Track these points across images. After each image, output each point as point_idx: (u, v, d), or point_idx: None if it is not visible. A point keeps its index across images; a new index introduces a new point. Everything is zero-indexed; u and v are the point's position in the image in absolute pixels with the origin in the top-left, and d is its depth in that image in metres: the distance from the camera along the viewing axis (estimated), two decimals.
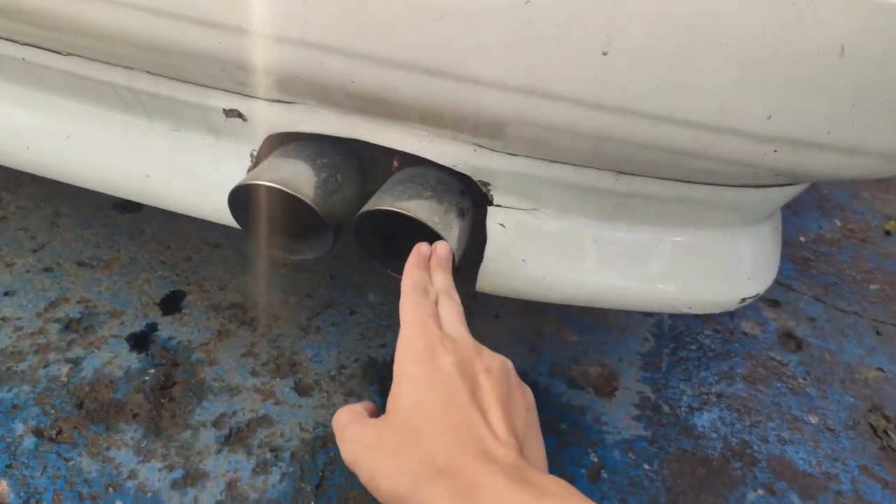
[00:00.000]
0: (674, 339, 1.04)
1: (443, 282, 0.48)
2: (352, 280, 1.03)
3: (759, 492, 0.81)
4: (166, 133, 0.64)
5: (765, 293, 0.69)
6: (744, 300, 0.67)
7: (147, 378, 0.82)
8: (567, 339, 1.00)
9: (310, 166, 0.58)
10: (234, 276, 1.01)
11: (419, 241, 0.52)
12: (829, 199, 1.53)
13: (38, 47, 0.60)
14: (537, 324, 1.01)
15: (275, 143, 0.62)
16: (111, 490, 0.70)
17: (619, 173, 0.56)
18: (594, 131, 0.47)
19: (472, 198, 0.61)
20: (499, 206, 0.60)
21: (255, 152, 0.62)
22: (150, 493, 0.70)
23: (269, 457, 0.75)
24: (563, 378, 0.93)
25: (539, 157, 0.55)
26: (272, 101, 0.57)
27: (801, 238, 1.37)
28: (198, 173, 0.64)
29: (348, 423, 0.41)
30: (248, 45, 0.48)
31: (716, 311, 0.68)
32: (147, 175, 0.65)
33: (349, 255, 1.07)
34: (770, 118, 0.44)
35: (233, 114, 0.59)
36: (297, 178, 0.56)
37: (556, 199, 0.59)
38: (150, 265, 1.00)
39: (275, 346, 0.90)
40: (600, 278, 0.63)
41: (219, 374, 0.84)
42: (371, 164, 0.65)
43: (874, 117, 0.44)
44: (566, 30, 0.41)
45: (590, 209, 0.60)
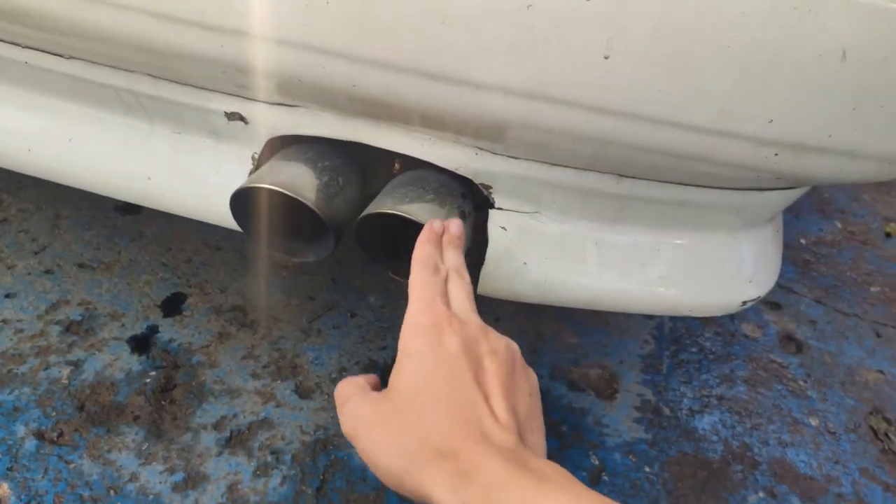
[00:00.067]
0: (674, 341, 1.04)
1: (454, 260, 0.47)
2: (353, 283, 1.03)
3: (760, 494, 0.81)
4: (168, 136, 0.64)
5: (766, 296, 0.69)
6: (745, 303, 0.67)
7: (148, 380, 0.82)
8: (567, 342, 1.00)
9: (311, 169, 0.58)
10: (234, 278, 1.01)
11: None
12: (830, 201, 1.53)
13: (40, 50, 0.60)
14: (537, 326, 1.01)
15: (276, 146, 0.62)
16: (112, 493, 0.70)
17: (621, 176, 0.56)
18: (595, 135, 0.48)
19: (473, 201, 0.61)
20: (500, 209, 0.60)
21: (257, 155, 0.62)
22: (151, 496, 0.70)
23: (269, 459, 0.75)
24: (564, 380, 0.93)
25: (540, 160, 0.55)
26: (274, 104, 0.57)
27: (802, 240, 1.37)
28: (199, 176, 0.64)
29: (350, 395, 0.40)
30: (249, 48, 0.48)
31: (717, 314, 0.68)
32: (148, 178, 0.65)
33: (350, 257, 1.07)
34: (771, 122, 0.44)
35: (234, 117, 0.59)
36: (299, 181, 0.56)
37: (557, 202, 0.59)
38: (150, 267, 1.00)
39: (276, 348, 0.90)
40: (601, 281, 0.63)
41: (220, 376, 0.84)
42: (372, 167, 0.65)
43: (875, 121, 0.44)
44: (567, 34, 0.41)
45: (591, 212, 0.60)
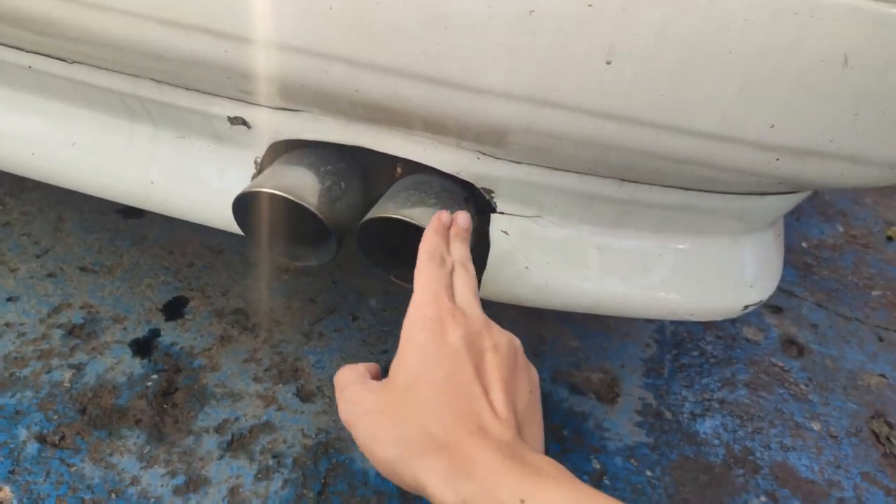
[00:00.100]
0: (676, 345, 1.04)
1: (460, 252, 0.47)
2: (354, 286, 1.03)
3: (762, 499, 0.81)
4: (171, 140, 0.65)
5: (767, 299, 0.69)
6: (747, 307, 0.67)
7: (150, 384, 0.82)
8: (568, 345, 0.99)
9: (314, 174, 0.58)
10: (236, 281, 1.01)
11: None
12: (832, 204, 1.53)
13: (44, 55, 0.60)
14: (538, 329, 1.01)
15: (279, 151, 0.62)
16: (114, 496, 0.70)
17: (623, 181, 0.56)
18: (597, 140, 0.48)
19: (475, 205, 0.62)
20: (502, 213, 0.60)
21: (259, 160, 0.62)
22: (152, 500, 0.70)
23: (271, 463, 0.75)
24: (565, 384, 0.93)
25: (542, 164, 0.55)
26: (276, 108, 0.57)
27: (804, 244, 1.37)
28: (202, 180, 0.64)
29: (350, 382, 0.40)
30: (253, 53, 0.48)
31: (719, 319, 0.68)
32: (151, 182, 0.65)
33: (352, 260, 1.07)
34: (773, 127, 0.44)
35: (237, 121, 0.59)
36: (301, 185, 0.56)
37: (559, 207, 0.59)
38: (152, 271, 1.00)
39: (277, 351, 0.90)
40: (603, 285, 0.63)
41: (221, 379, 0.84)
42: (375, 172, 0.65)
43: (877, 126, 0.44)
44: (569, 39, 0.41)
45: (593, 217, 0.60)
